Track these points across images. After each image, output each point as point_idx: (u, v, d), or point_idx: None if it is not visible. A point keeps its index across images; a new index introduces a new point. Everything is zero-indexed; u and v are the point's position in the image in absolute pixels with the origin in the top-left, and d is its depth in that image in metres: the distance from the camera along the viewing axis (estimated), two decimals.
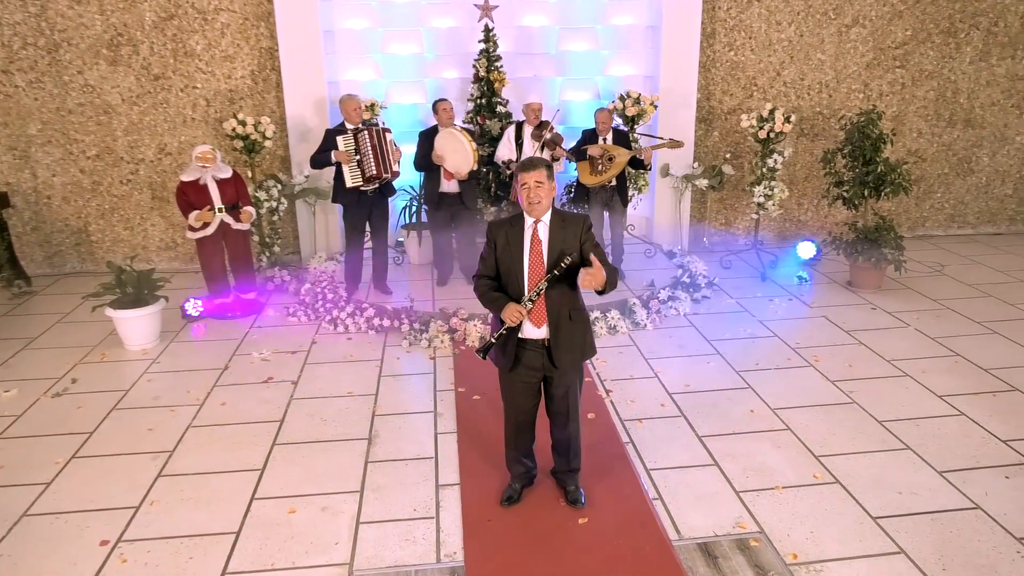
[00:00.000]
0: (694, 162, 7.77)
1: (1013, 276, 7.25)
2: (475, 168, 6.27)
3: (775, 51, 7.85)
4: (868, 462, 4.16)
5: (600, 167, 6.32)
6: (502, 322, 3.35)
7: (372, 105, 6.94)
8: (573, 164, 6.63)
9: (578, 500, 3.74)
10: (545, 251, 3.36)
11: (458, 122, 6.69)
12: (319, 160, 6.22)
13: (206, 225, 6.11)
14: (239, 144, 6.77)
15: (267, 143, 6.84)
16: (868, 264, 6.67)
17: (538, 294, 3.31)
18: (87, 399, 4.98)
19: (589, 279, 3.18)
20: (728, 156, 7.92)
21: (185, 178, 6.03)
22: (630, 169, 6.60)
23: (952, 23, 7.93)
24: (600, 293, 3.30)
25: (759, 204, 7.09)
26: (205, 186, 6.05)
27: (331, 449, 4.33)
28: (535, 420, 3.70)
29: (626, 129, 6.84)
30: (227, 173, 6.16)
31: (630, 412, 4.71)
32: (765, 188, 7.01)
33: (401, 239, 7.52)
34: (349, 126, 6.19)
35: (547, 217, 3.39)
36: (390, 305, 6.25)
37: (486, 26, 6.95)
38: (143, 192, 7.61)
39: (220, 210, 6.10)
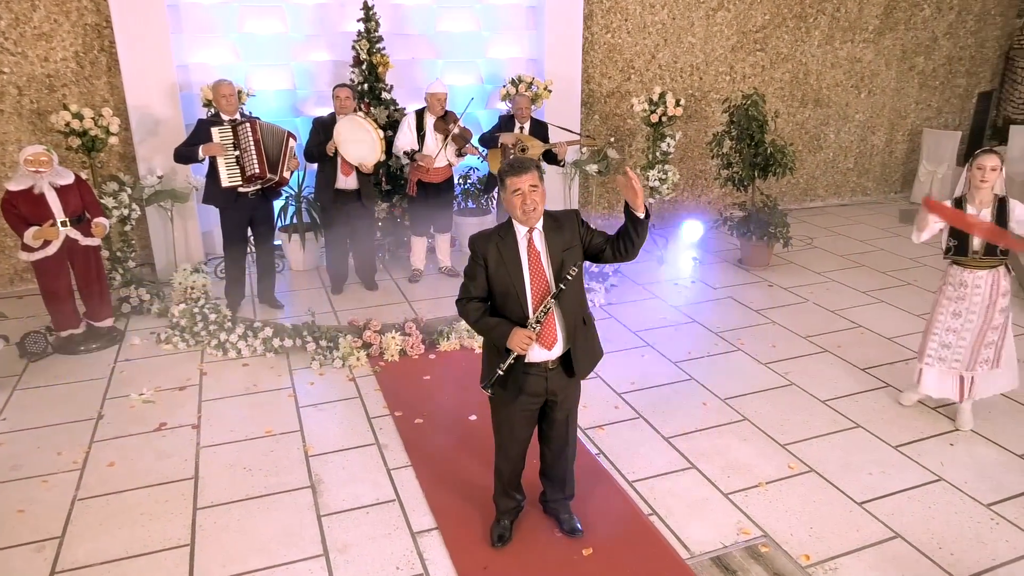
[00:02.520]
0: (582, 148, 7.62)
1: (873, 245, 7.85)
2: (382, 159, 5.65)
3: (650, 34, 7.87)
4: (829, 445, 4.21)
5: (512, 155, 5.94)
6: (508, 351, 2.92)
7: (239, 93, 6.04)
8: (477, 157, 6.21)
9: (576, 529, 3.42)
10: (546, 261, 2.97)
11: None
12: (185, 153, 5.30)
13: (47, 243, 4.99)
14: (75, 142, 5.61)
15: (112, 139, 5.73)
16: (760, 242, 6.89)
17: (545, 313, 2.91)
18: None
19: (632, 191, 2.84)
20: (612, 140, 7.85)
21: (13, 187, 4.87)
22: (544, 164, 6.28)
23: (803, 8, 8.39)
24: (637, 224, 2.92)
25: (653, 188, 7.08)
26: (41, 196, 4.93)
27: (270, 506, 3.66)
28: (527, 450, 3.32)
29: (546, 121, 6.46)
30: (68, 179, 5.07)
31: (587, 419, 4.44)
32: (659, 172, 7.00)
33: (278, 243, 6.68)
34: (226, 117, 5.32)
35: (539, 223, 2.99)
36: (287, 321, 5.50)
37: (365, 3, 6.27)
38: None
39: (64, 224, 5.02)
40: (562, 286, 2.91)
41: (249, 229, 5.64)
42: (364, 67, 6.36)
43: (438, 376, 4.99)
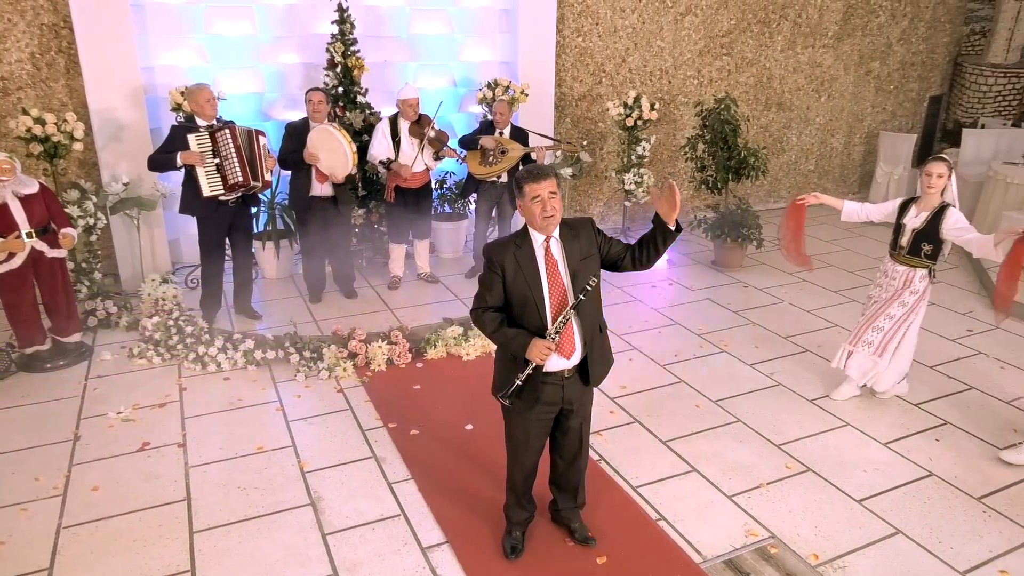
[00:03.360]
0: (556, 152, 7.61)
1: (838, 245, 8.06)
2: (354, 172, 5.52)
3: (620, 38, 7.92)
4: (822, 444, 4.29)
5: (491, 159, 5.90)
6: (527, 361, 2.88)
7: None
8: (450, 159, 6.14)
9: (589, 538, 3.40)
10: (563, 270, 2.93)
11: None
12: (161, 161, 5.08)
13: (11, 256, 4.74)
14: (36, 148, 5.34)
15: (76, 146, 5.47)
16: (734, 244, 6.99)
17: (564, 323, 2.88)
18: None
19: (669, 202, 2.86)
20: (585, 143, 7.87)
21: None
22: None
23: (767, 13, 8.56)
24: (667, 236, 2.95)
25: (629, 192, 7.12)
26: (4, 206, 4.68)
27: (270, 526, 3.53)
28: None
29: (525, 128, 6.40)
30: (32, 187, 4.81)
31: None
32: (635, 176, 7.04)
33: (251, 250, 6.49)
34: (202, 122, 5.12)
35: (556, 231, 2.96)
36: (267, 332, 5.34)
37: (340, 5, 6.14)
38: None
39: (30, 235, 4.77)
40: (581, 297, 2.88)
41: (227, 239, 5.45)
42: (339, 70, 6.23)
43: (428, 385, 4.91)
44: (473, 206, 7.14)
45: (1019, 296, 4.37)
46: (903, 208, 4.39)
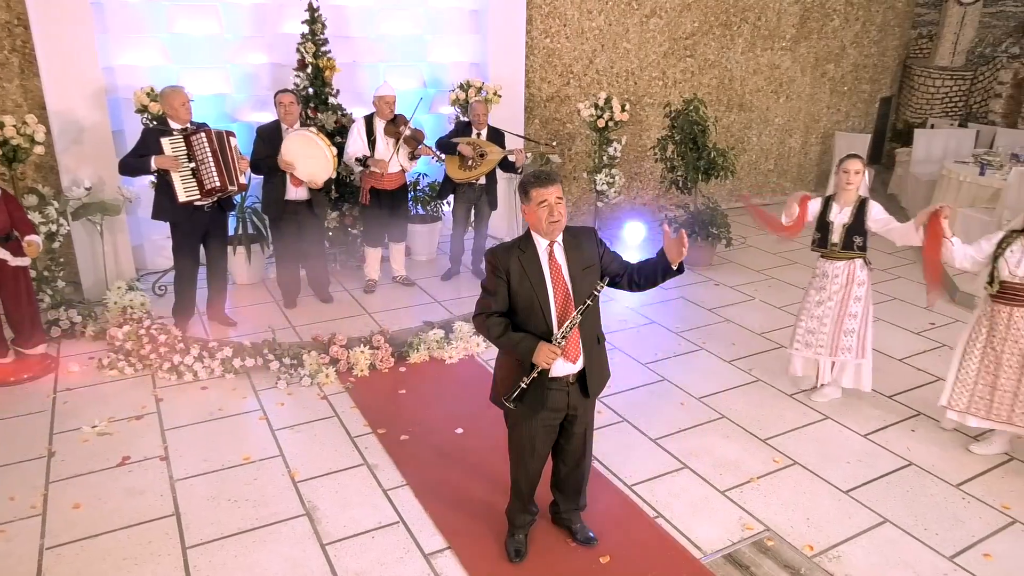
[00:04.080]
0: (527, 152, 7.63)
1: (802, 243, 8.18)
2: (334, 176, 5.43)
3: (587, 39, 7.97)
4: (806, 437, 4.40)
5: (471, 162, 5.87)
6: (532, 365, 2.87)
7: None
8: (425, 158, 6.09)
9: (591, 538, 3.42)
10: (567, 275, 2.94)
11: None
12: (134, 165, 4.91)
13: None
14: None
15: (36, 149, 5.25)
16: (705, 243, 7.11)
17: (571, 328, 2.88)
18: None
19: (677, 249, 2.87)
20: (555, 143, 7.90)
21: None
22: (500, 171, 6.22)
23: (728, 16, 8.74)
24: (668, 273, 2.98)
25: (601, 192, 7.18)
26: None
27: (267, 538, 3.45)
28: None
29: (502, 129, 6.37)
30: None
31: None
32: (606, 176, 7.10)
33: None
34: (175, 125, 4.96)
35: (559, 236, 2.97)
36: (242, 339, 5.21)
37: (311, 4, 6.02)
38: None
39: None
40: (589, 302, 2.88)
41: (202, 245, 5.29)
42: (309, 71, 6.12)
43: (414, 390, 4.86)
44: (446, 208, 7.11)
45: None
46: (825, 207, 4.50)
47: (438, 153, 5.96)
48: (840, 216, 4.46)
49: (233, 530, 3.49)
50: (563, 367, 2.96)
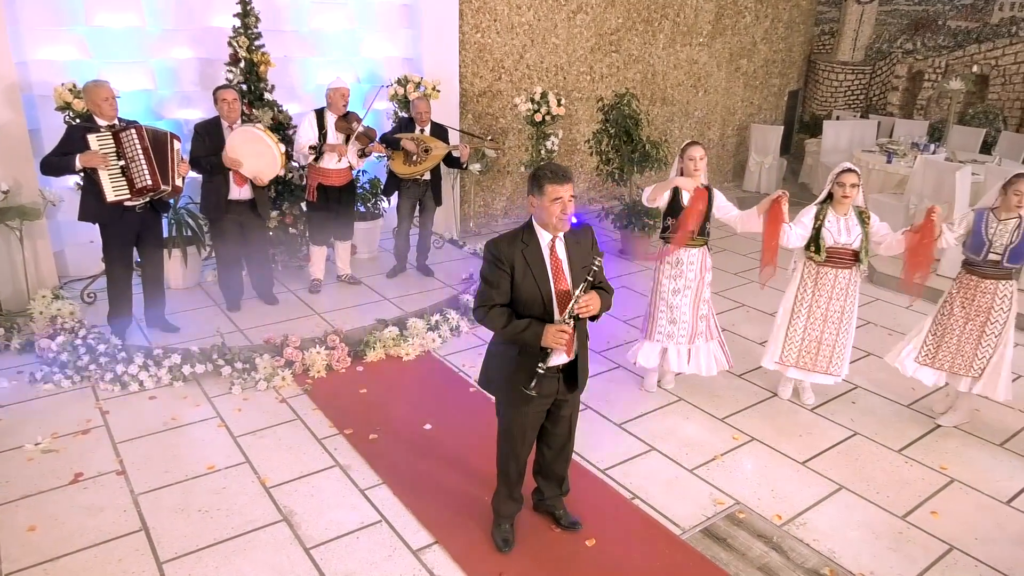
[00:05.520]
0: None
1: (726, 231, 8.60)
2: (281, 173, 5.27)
3: (517, 34, 8.04)
4: (759, 415, 4.64)
5: (416, 158, 5.81)
6: (544, 351, 2.90)
7: None
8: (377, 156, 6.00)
9: (575, 523, 3.50)
10: (567, 269, 3.00)
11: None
12: (57, 164, 4.61)
13: None
14: None
15: None
16: (641, 233, 7.32)
17: (575, 307, 2.88)
18: None
19: (588, 307, 2.91)
20: (491, 139, 7.93)
21: None
22: (445, 166, 6.18)
23: (650, 13, 9.00)
24: (593, 319, 3.04)
25: None
26: None
27: (246, 546, 3.35)
28: None
29: (445, 124, 6.29)
30: None
31: None
32: None
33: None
34: (102, 122, 4.69)
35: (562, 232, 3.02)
36: (185, 345, 4.99)
37: None
38: None
39: None
40: (589, 278, 2.90)
41: (135, 247, 5.03)
42: (243, 66, 5.90)
43: (374, 388, 4.80)
44: (385, 204, 7.02)
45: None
46: (674, 197, 4.52)
47: (389, 155, 5.88)
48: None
49: (209, 541, 3.37)
50: (558, 357, 3.02)
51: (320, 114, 5.57)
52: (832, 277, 4.47)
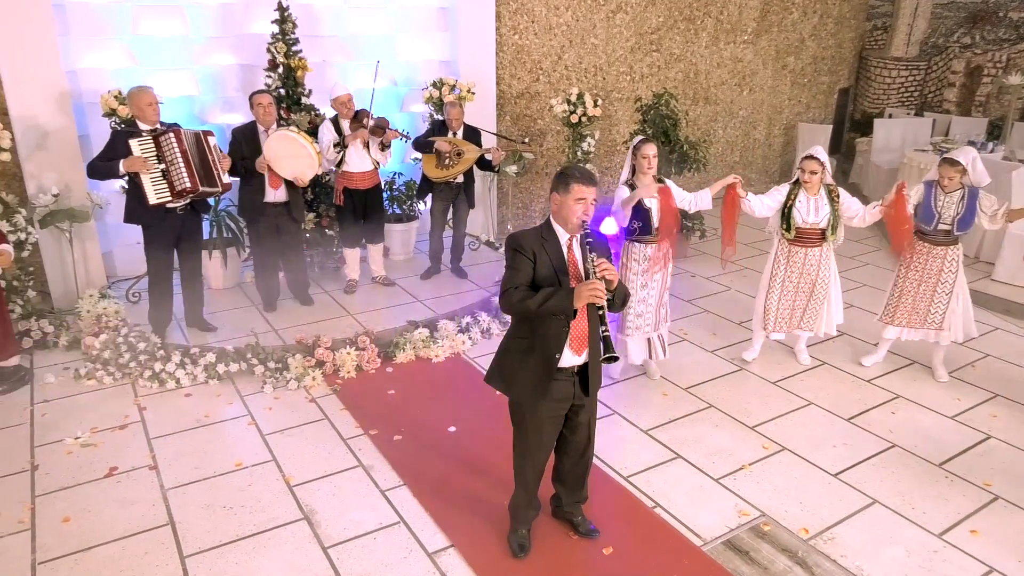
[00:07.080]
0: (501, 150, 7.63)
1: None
2: (320, 172, 5.37)
3: (555, 35, 8.00)
4: (792, 424, 4.50)
5: (448, 161, 5.85)
6: (601, 318, 2.85)
7: None
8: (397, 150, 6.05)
9: (593, 531, 3.46)
10: (582, 269, 3.01)
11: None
12: (102, 169, 4.79)
13: None
14: None
15: (3, 156, 5.08)
16: (679, 235, 7.19)
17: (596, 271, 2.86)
18: None
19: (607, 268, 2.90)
20: (528, 141, 7.91)
21: None
22: (477, 169, 6.21)
23: (692, 11, 8.85)
24: (611, 307, 2.97)
25: None
26: None
27: (267, 543, 3.41)
28: None
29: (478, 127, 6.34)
30: None
31: None
32: None
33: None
34: (144, 127, 4.85)
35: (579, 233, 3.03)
36: (222, 344, 5.11)
37: (280, 4, 5.93)
38: None
39: None
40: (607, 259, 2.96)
41: (176, 249, 5.18)
42: (281, 71, 6.03)
43: (402, 389, 4.84)
44: (422, 207, 7.08)
45: None
46: (639, 202, 4.59)
47: (405, 133, 5.92)
48: (654, 201, 4.62)
49: (232, 537, 3.45)
50: (569, 358, 3.01)
51: (336, 122, 5.67)
52: (802, 256, 4.91)
